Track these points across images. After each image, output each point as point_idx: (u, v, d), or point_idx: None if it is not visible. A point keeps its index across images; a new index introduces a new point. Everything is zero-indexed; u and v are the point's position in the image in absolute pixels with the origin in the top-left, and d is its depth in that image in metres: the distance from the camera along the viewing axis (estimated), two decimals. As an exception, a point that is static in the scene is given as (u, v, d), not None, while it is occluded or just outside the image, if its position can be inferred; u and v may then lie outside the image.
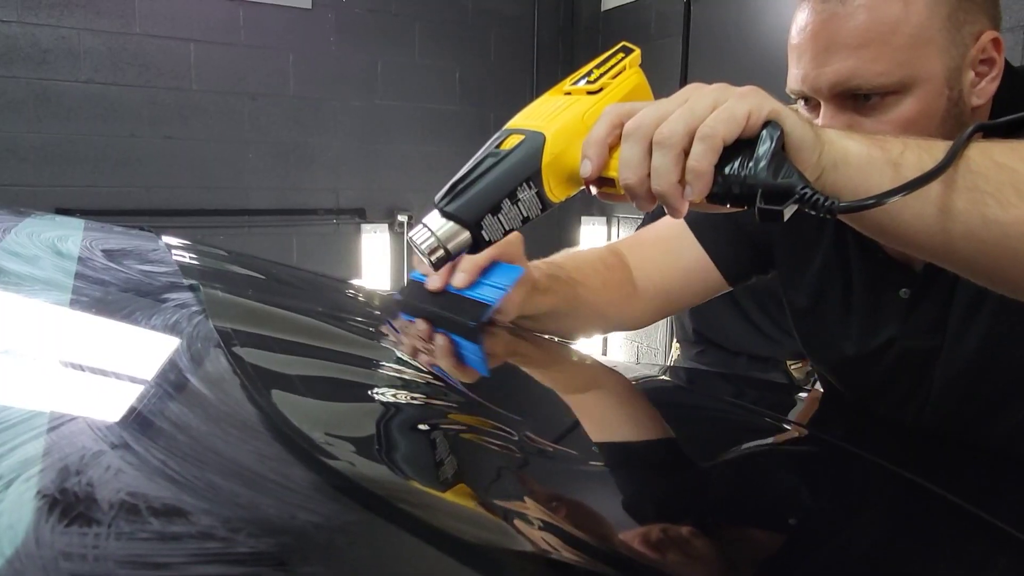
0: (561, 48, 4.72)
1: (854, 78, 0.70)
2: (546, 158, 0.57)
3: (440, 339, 0.63)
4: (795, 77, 0.74)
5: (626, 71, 0.63)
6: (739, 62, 3.62)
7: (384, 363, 0.55)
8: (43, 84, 3.40)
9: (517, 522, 0.31)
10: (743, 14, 3.70)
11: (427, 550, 0.27)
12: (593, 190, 0.58)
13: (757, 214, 0.50)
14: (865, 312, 0.86)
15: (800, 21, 0.74)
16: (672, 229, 0.96)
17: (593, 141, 0.55)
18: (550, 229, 4.64)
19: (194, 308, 0.50)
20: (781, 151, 0.51)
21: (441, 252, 0.57)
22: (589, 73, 0.64)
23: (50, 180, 3.48)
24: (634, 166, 0.52)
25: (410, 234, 0.59)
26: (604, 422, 0.57)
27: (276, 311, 0.63)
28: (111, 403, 0.35)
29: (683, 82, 4.64)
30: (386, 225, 4.34)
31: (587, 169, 0.55)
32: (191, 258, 0.73)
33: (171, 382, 0.38)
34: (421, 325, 0.65)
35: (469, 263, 0.68)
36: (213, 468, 0.29)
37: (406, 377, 0.52)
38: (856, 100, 0.71)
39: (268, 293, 0.71)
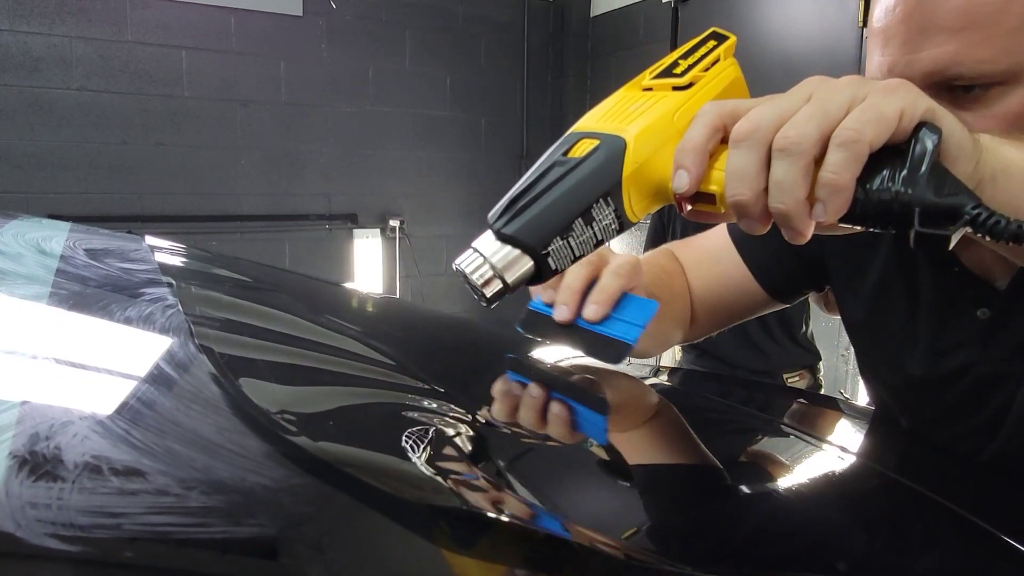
0: (551, 53, 4.77)
1: (955, 65, 0.60)
2: (628, 168, 0.47)
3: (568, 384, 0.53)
4: (880, 65, 0.64)
5: (720, 63, 0.53)
6: (726, 66, 3.66)
7: (346, 352, 0.58)
8: (35, 92, 3.42)
9: (456, 486, 0.34)
10: (730, 18, 3.75)
11: (363, 510, 0.30)
12: (685, 207, 0.48)
13: (913, 240, 0.42)
14: (934, 332, 0.75)
15: (887, 1, 0.64)
16: (721, 239, 0.85)
17: (690, 147, 0.45)
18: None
19: (168, 301, 0.53)
20: (939, 160, 0.42)
21: (497, 284, 0.47)
22: (674, 65, 0.52)
23: (42, 187, 3.50)
24: (748, 178, 0.42)
25: (457, 261, 0.48)
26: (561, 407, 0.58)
27: (246, 304, 0.66)
28: (85, 382, 0.38)
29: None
30: (378, 230, 4.37)
31: (683, 182, 0.45)
32: (172, 257, 0.75)
33: (142, 366, 0.40)
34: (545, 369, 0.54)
35: (602, 294, 0.57)
36: (174, 438, 0.32)
37: (366, 365, 0.54)
38: (954, 92, 0.61)
39: (242, 289, 0.74)
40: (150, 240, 0.82)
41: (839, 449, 0.57)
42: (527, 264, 0.47)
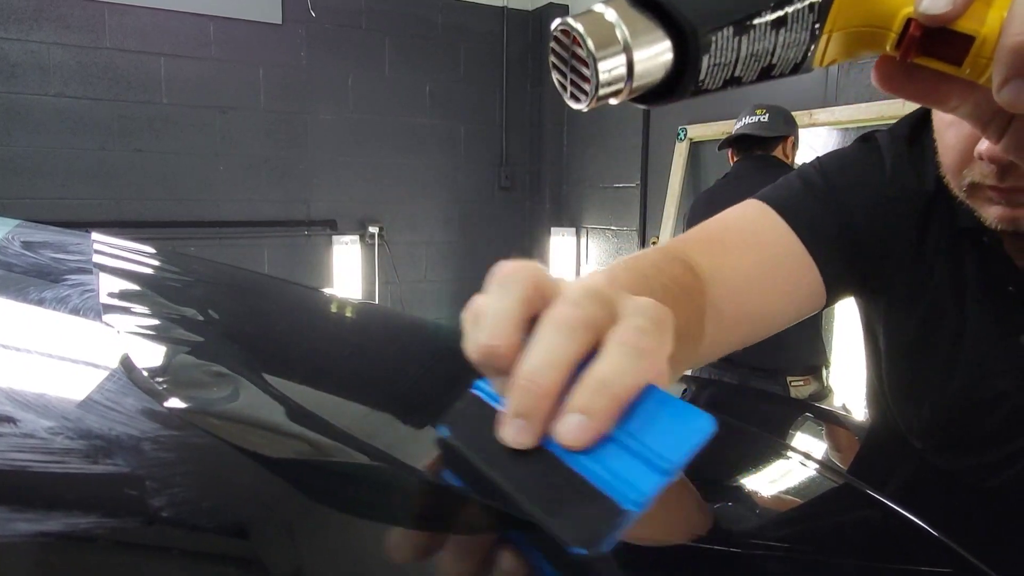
0: (530, 62, 4.83)
1: None
2: None
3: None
4: None
5: None
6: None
7: (247, 337, 0.61)
8: (12, 98, 3.44)
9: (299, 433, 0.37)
10: (703, 29, 3.81)
11: (220, 459, 0.34)
12: (909, 54, 0.32)
13: None
14: (976, 357, 0.70)
15: None
16: (768, 234, 0.70)
17: None
18: (519, 238, 4.72)
19: (88, 286, 0.56)
20: None
21: (619, 62, 0.29)
22: None
23: (19, 193, 3.52)
24: None
25: (560, 21, 0.30)
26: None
27: (171, 292, 0.69)
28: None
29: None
30: (357, 236, 4.41)
31: (941, 4, 0.29)
32: (110, 249, 0.79)
33: (44, 338, 0.44)
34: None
35: (604, 393, 0.27)
36: (55, 395, 0.35)
37: (260, 350, 0.58)
38: None
39: (175, 279, 0.77)
40: (96, 236, 0.86)
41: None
42: (664, 50, 0.30)
